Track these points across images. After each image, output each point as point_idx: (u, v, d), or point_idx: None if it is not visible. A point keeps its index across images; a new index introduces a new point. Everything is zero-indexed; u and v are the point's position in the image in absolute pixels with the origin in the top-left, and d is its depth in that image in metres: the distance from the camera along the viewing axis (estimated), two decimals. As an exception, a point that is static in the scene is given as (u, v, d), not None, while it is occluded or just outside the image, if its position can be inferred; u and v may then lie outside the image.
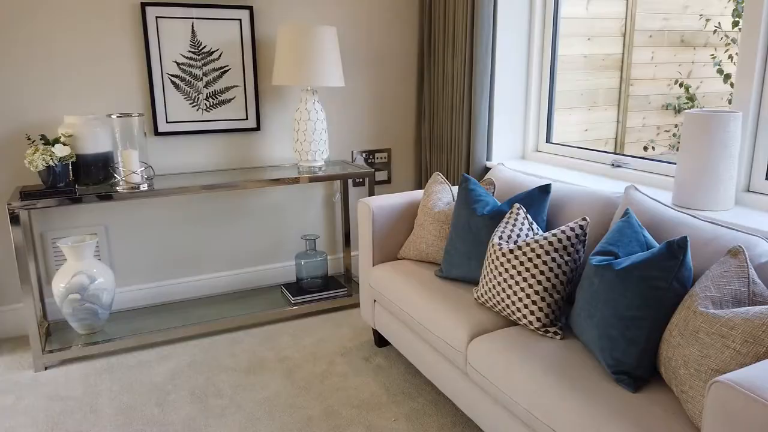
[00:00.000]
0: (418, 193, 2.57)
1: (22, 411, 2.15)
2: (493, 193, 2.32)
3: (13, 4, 2.48)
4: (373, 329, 2.64)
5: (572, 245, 1.78)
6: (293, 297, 2.94)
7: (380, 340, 2.61)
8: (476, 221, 2.09)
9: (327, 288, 3.04)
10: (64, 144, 2.42)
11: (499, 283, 1.84)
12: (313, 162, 2.92)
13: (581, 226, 1.79)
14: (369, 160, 3.38)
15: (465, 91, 2.89)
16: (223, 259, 3.11)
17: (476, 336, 1.84)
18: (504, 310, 1.86)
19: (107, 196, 2.44)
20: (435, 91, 3.18)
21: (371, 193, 2.96)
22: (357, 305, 3.06)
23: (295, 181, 2.78)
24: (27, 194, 2.35)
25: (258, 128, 3.04)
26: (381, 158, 3.40)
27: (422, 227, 2.37)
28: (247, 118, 3.01)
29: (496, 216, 2.06)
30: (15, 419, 2.10)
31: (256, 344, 2.65)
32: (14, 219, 2.31)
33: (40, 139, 2.42)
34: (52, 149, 2.37)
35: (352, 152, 3.32)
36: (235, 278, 3.15)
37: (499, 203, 2.17)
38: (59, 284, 2.50)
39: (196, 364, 2.48)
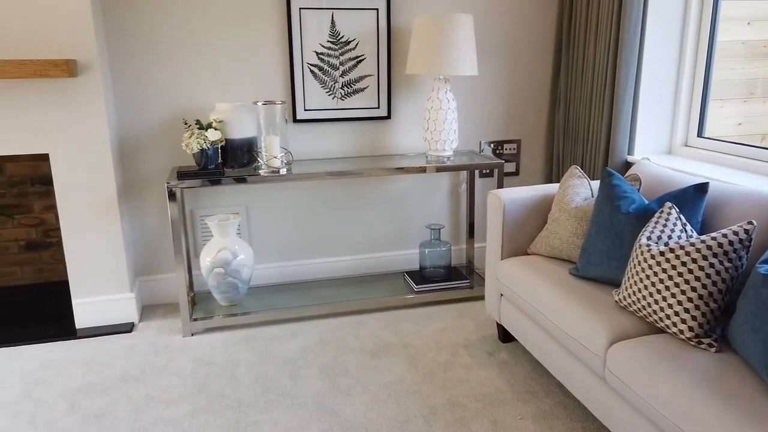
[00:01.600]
0: (552, 187, 2.48)
1: (174, 372, 2.37)
2: (639, 189, 2.18)
3: (175, 2, 2.71)
4: (497, 323, 2.59)
5: (734, 251, 1.62)
6: (416, 285, 2.97)
7: (505, 335, 2.56)
8: (620, 219, 1.97)
9: (449, 278, 3.03)
10: (216, 129, 2.61)
11: (645, 287, 1.73)
12: (442, 151, 2.91)
13: (746, 231, 1.62)
14: (497, 151, 3.31)
15: (607, 79, 2.73)
16: (350, 243, 3.21)
17: (617, 341, 1.74)
18: (650, 315, 1.74)
19: (251, 179, 2.60)
20: (573, 79, 3.03)
21: (500, 185, 2.90)
22: (479, 298, 3.02)
23: (421, 170, 2.79)
24: (183, 174, 2.57)
25: (389, 117, 3.08)
26: (510, 149, 3.32)
27: (557, 222, 2.28)
28: (378, 107, 3.06)
29: (643, 215, 1.93)
30: (168, 379, 2.32)
31: (380, 328, 2.71)
32: (171, 196, 2.54)
33: (195, 124, 2.63)
34: (206, 134, 2.57)
35: (480, 142, 3.27)
36: (360, 263, 3.24)
37: (647, 201, 2.03)
38: (206, 258, 2.72)
39: (324, 342, 2.59)
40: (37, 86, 2.46)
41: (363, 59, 2.98)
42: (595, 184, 2.40)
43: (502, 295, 2.43)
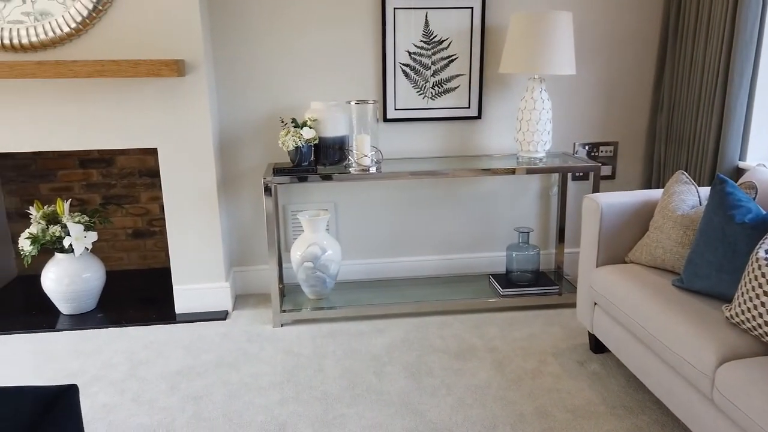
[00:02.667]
0: (654, 193, 2.35)
1: (265, 360, 2.46)
2: (755, 198, 2.02)
3: (273, 4, 2.81)
4: (589, 333, 2.50)
5: None
6: (502, 289, 2.92)
7: (597, 346, 2.46)
8: (733, 229, 1.84)
9: (537, 283, 2.95)
10: (310, 127, 2.68)
11: (762, 304, 1.60)
12: (534, 153, 2.84)
13: None
14: (592, 154, 3.18)
15: (719, 78, 2.55)
16: (435, 243, 3.20)
17: (728, 360, 1.63)
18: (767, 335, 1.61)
19: (342, 177, 2.65)
20: (679, 78, 2.86)
21: (596, 189, 2.78)
22: (567, 305, 2.92)
23: (510, 171, 2.73)
24: (278, 170, 2.66)
25: (479, 117, 3.04)
26: (606, 152, 3.18)
27: (660, 230, 2.16)
28: (469, 107, 3.03)
29: (761, 226, 1.79)
30: (259, 366, 2.41)
31: (465, 330, 2.68)
32: (267, 191, 2.63)
33: (291, 123, 2.71)
34: (301, 132, 2.65)
35: (574, 144, 3.16)
36: (445, 263, 3.22)
37: (764, 211, 1.87)
38: (296, 252, 2.80)
39: (409, 341, 2.60)
40: (149, 85, 2.62)
41: (455, 58, 2.96)
42: (704, 191, 2.26)
43: (595, 304, 2.34)
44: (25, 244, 2.73)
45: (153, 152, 3.28)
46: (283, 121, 2.77)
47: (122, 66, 2.47)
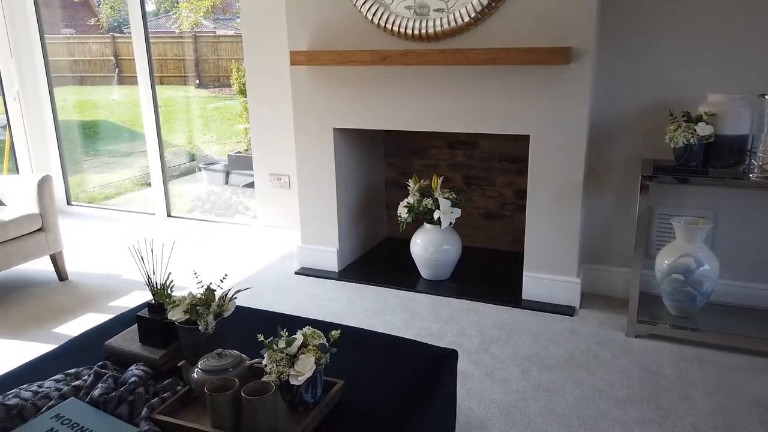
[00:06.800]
0: None
1: (618, 370, 2.29)
2: None
3: (682, -20, 2.52)
4: None
5: None
6: None
7: None
8: None
9: None
10: (707, 123, 2.35)
11: None
12: None
13: None
14: None
15: None
16: None
17: None
18: None
19: (740, 183, 2.26)
20: None
21: None
22: None
23: None
24: (661, 168, 2.41)
25: None
26: None
27: None
28: None
29: None
30: (613, 375, 2.26)
31: None
32: (644, 188, 2.42)
33: (683, 116, 2.42)
34: (695, 127, 2.34)
35: None
36: None
37: None
38: (664, 260, 2.52)
39: (806, 394, 2.10)
40: (532, 73, 2.64)
41: None
42: None
43: None
44: (402, 212, 3.10)
45: (514, 138, 3.34)
46: (672, 115, 2.49)
47: (513, 54, 2.54)
